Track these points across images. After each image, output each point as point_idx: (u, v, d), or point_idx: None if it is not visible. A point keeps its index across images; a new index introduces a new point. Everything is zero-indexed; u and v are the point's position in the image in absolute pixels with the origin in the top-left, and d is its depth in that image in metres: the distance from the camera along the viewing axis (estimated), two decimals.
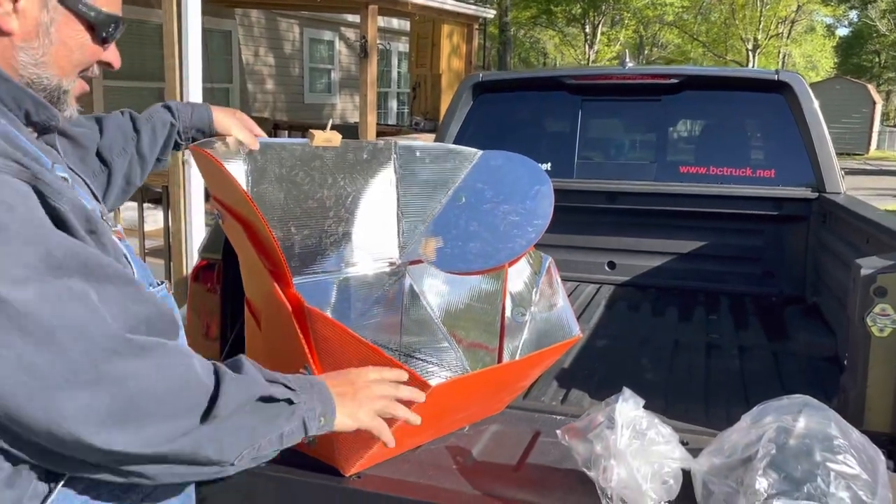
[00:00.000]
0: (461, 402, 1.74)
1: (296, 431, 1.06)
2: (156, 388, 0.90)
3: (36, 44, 0.99)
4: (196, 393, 0.95)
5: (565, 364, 2.42)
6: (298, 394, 1.07)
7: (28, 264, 0.83)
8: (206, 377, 0.97)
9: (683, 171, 3.43)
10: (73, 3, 1.00)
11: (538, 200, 2.01)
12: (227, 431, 0.97)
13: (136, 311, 0.93)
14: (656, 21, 31.28)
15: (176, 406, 0.93)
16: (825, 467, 1.32)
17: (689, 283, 3.38)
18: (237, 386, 0.99)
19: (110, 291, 0.90)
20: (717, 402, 2.11)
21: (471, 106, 3.69)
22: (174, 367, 0.93)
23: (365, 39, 7.75)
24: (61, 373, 0.83)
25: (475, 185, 2.07)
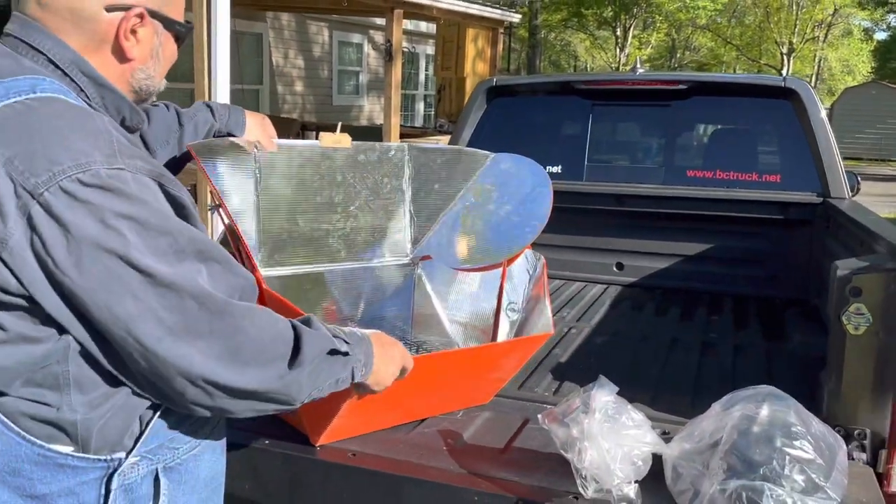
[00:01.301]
0: (430, 382, 1.80)
1: (347, 378, 1.27)
2: (253, 339, 1.11)
3: (150, 63, 1.21)
4: (284, 343, 1.16)
5: (562, 358, 2.52)
6: (353, 346, 1.27)
7: (163, 250, 1.04)
8: (287, 332, 1.17)
9: (691, 174, 3.51)
10: (172, 24, 1.22)
11: (538, 202, 2.12)
12: (306, 376, 1.17)
13: (234, 283, 1.15)
14: (689, 24, 31.06)
15: (270, 353, 1.13)
16: (782, 452, 1.41)
17: (695, 284, 3.45)
18: (314, 339, 1.20)
19: (216, 268, 1.12)
20: (702, 396, 2.19)
21: (485, 110, 3.80)
22: (265, 323, 1.15)
23: (390, 43, 7.91)
24: (185, 327, 1.05)
25: (484, 186, 2.19)
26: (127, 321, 1.02)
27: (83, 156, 1.01)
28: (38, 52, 1.11)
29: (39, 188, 0.98)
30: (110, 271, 1.00)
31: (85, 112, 1.09)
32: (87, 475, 1.10)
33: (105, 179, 1.01)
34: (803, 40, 30.21)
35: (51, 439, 1.08)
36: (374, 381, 1.35)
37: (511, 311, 2.07)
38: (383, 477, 1.68)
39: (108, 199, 1.01)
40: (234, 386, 1.09)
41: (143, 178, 1.06)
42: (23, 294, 1.01)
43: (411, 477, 1.66)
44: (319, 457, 1.73)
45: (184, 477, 1.21)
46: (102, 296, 1.01)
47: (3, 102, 1.04)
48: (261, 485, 1.77)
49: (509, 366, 1.98)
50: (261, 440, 1.77)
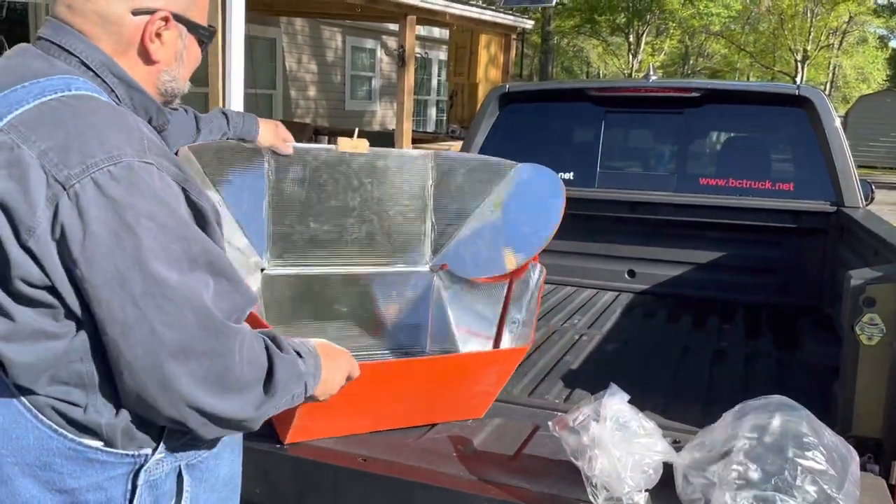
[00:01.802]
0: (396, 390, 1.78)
1: (301, 395, 1.25)
2: (238, 364, 1.10)
3: (174, 66, 1.24)
4: (260, 368, 1.15)
5: (573, 365, 2.52)
6: (305, 360, 1.26)
7: (175, 255, 1.05)
8: (262, 357, 1.16)
9: (703, 182, 3.50)
10: (196, 28, 1.24)
11: (548, 213, 2.12)
12: (270, 405, 1.17)
13: (237, 303, 1.14)
14: (702, 31, 30.96)
15: (248, 379, 1.12)
16: (794, 462, 1.40)
17: (707, 292, 3.44)
18: (285, 365, 1.19)
19: (224, 285, 1.11)
20: (714, 405, 2.19)
21: (497, 116, 3.81)
22: (251, 349, 1.13)
23: (403, 49, 7.94)
24: (179, 344, 1.04)
25: (504, 196, 2.19)
26: (123, 326, 1.02)
27: (115, 149, 1.04)
28: (70, 55, 1.14)
29: (71, 180, 1.01)
30: (118, 272, 1.01)
31: (118, 109, 1.12)
32: (115, 470, 1.12)
33: (134, 173, 1.03)
34: (818, 48, 30.05)
35: (81, 434, 1.10)
36: (321, 391, 1.33)
37: (513, 323, 2.06)
38: (393, 482, 1.68)
39: (133, 196, 1.02)
40: (213, 412, 1.08)
41: (168, 179, 1.08)
42: (46, 286, 1.03)
43: (421, 482, 1.66)
44: (330, 461, 1.74)
45: (205, 475, 1.22)
46: (105, 295, 1.01)
47: (39, 100, 1.07)
48: (272, 489, 1.78)
49: (490, 379, 1.92)
50: (272, 444, 1.78)
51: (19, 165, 1.01)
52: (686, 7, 27.20)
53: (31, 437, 1.08)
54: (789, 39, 29.66)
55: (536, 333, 2.83)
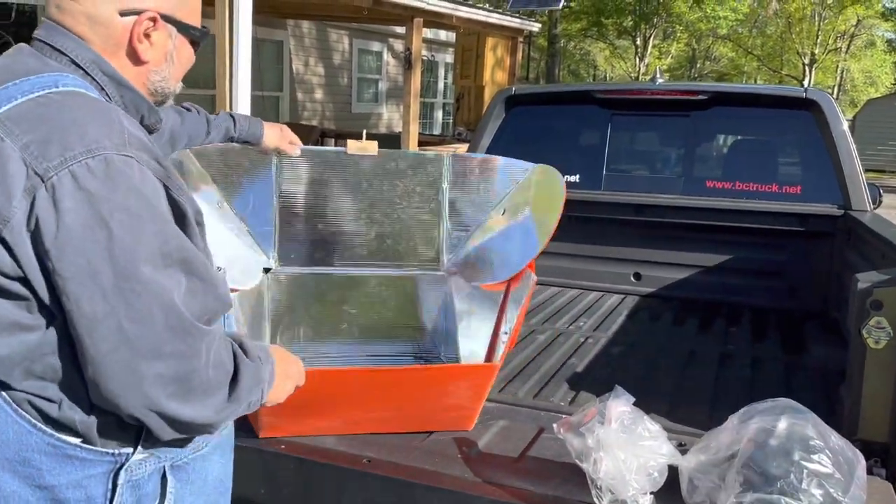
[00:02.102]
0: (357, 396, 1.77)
1: (257, 402, 1.24)
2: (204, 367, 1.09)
3: (164, 66, 1.24)
4: (225, 373, 1.14)
5: (578, 368, 2.52)
6: (264, 368, 1.24)
7: (149, 250, 1.04)
8: (229, 361, 1.15)
9: (710, 185, 3.49)
10: (185, 29, 1.24)
11: (547, 215, 2.11)
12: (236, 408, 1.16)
13: (209, 305, 1.12)
14: (709, 34, 30.90)
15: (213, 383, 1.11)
16: (800, 466, 1.40)
17: (713, 295, 3.43)
18: (249, 372, 1.17)
19: (196, 284, 1.10)
20: (720, 408, 2.18)
21: (503, 118, 3.80)
22: (218, 351, 1.12)
23: (409, 51, 7.95)
24: (146, 342, 1.03)
25: (518, 199, 2.18)
26: (91, 320, 1.01)
27: (94, 142, 1.04)
28: (61, 54, 1.16)
29: (50, 172, 1.01)
30: (89, 264, 1.00)
31: (101, 104, 1.12)
32: (94, 468, 1.11)
33: (112, 166, 1.03)
34: (826, 51, 29.96)
35: (60, 430, 1.09)
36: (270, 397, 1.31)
37: (505, 333, 2.05)
38: (397, 483, 1.68)
39: (109, 188, 1.02)
40: (174, 416, 1.07)
41: (148, 173, 1.08)
42: (19, 277, 1.03)
43: (425, 484, 1.66)
44: (335, 462, 1.74)
45: (191, 477, 1.22)
46: (74, 287, 1.01)
47: (27, 96, 1.08)
48: (276, 489, 1.78)
49: (461, 393, 1.86)
50: (277, 445, 1.78)
51: (1, 158, 1.02)
52: (693, 10, 27.16)
53: (11, 431, 1.08)
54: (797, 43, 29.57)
55: (541, 336, 2.84)
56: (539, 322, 3.06)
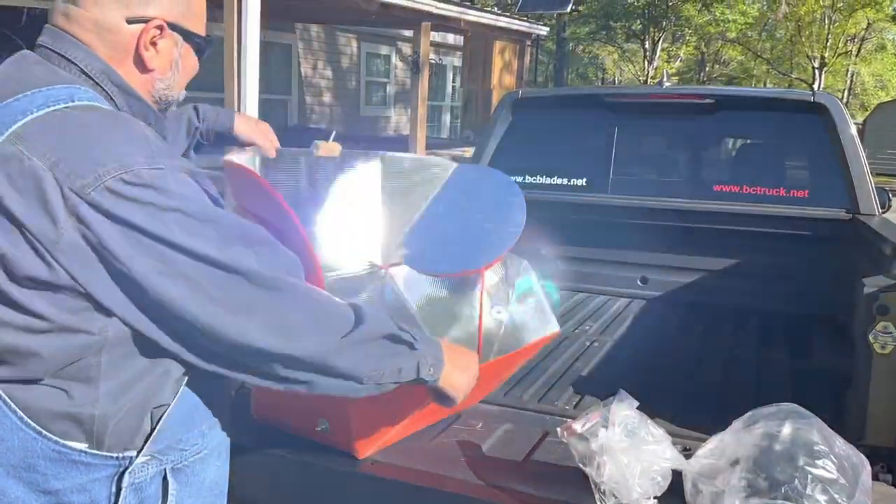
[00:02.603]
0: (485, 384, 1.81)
1: (411, 371, 1.30)
2: (308, 311, 1.17)
3: (169, 74, 1.26)
4: (343, 319, 1.21)
5: (583, 372, 2.51)
6: (419, 342, 1.31)
7: (209, 237, 1.10)
8: (345, 310, 1.23)
9: (717, 189, 3.48)
10: (192, 37, 1.26)
11: (511, 210, 2.12)
12: (361, 353, 1.21)
13: (283, 262, 1.20)
14: (718, 38, 30.84)
15: (327, 325, 1.18)
16: (804, 471, 1.39)
17: (720, 299, 3.42)
18: (375, 319, 1.25)
19: (264, 250, 1.17)
20: (725, 413, 2.16)
21: (510, 122, 3.81)
22: (320, 298, 1.21)
23: (417, 55, 7.97)
24: (238, 303, 1.11)
25: (452, 195, 2.20)
26: (181, 302, 1.07)
27: (126, 157, 1.06)
28: (71, 63, 1.16)
29: (87, 188, 1.03)
30: (162, 256, 1.06)
31: (123, 117, 1.15)
32: (99, 472, 1.13)
33: (147, 179, 1.07)
34: (835, 55, 29.83)
35: (66, 435, 1.10)
36: (449, 384, 1.38)
37: (496, 313, 2.07)
38: (401, 486, 1.68)
39: (152, 195, 1.06)
40: (293, 354, 1.14)
41: (181, 176, 1.12)
42: (72, 287, 1.06)
43: (429, 487, 1.66)
44: (338, 466, 1.74)
45: (190, 479, 1.23)
46: (155, 279, 1.06)
47: (44, 110, 1.08)
48: (280, 492, 1.78)
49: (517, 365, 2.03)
50: (281, 448, 1.79)
51: (33, 178, 1.03)
52: (702, 14, 27.10)
53: (16, 438, 1.09)
54: (807, 46, 29.47)
55: None
56: None
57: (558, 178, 3.70)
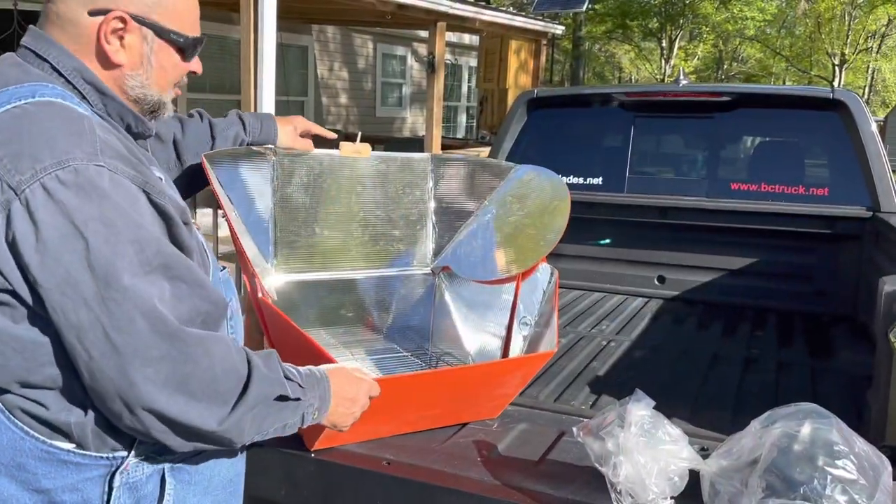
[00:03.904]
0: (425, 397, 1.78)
1: (295, 423, 1.24)
2: (204, 370, 1.08)
3: (140, 71, 1.21)
4: (236, 379, 1.12)
5: (600, 372, 2.50)
6: (306, 391, 1.24)
7: (127, 258, 1.03)
8: (241, 368, 1.14)
9: (735, 187, 3.46)
10: (166, 34, 1.21)
11: (555, 215, 2.10)
12: (249, 419, 1.14)
13: (198, 307, 1.11)
14: (736, 35, 30.57)
15: (218, 388, 1.10)
16: (823, 471, 1.37)
17: (738, 299, 3.39)
18: (263, 381, 1.16)
19: (182, 288, 1.09)
20: (744, 412, 2.15)
21: (525, 121, 3.80)
22: (220, 354, 1.11)
23: (433, 55, 7.96)
24: (133, 349, 1.03)
25: (506, 197, 2.18)
26: (78, 329, 1.01)
27: (64, 153, 1.03)
28: (44, 61, 1.15)
29: (22, 185, 1.01)
30: (69, 275, 1.00)
31: (74, 114, 1.10)
32: (90, 472, 1.12)
33: (82, 176, 1.02)
34: (856, 51, 29.46)
35: (52, 436, 1.10)
36: (330, 422, 1.32)
37: (524, 324, 2.05)
38: (416, 486, 1.68)
39: (82, 199, 1.02)
40: (175, 419, 1.06)
41: (123, 181, 1.07)
42: (8, 290, 1.04)
43: (444, 486, 1.66)
44: (354, 464, 1.75)
45: (194, 478, 1.22)
46: (58, 298, 1.01)
47: (4, 108, 1.08)
48: (296, 491, 1.79)
49: (513, 382, 1.91)
50: (297, 447, 1.79)
51: None
52: (720, 11, 26.88)
53: (5, 438, 1.09)
54: (826, 43, 29.13)
55: (564, 339, 2.82)
56: (561, 325, 3.04)
57: (574, 178, 3.69)
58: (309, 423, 1.28)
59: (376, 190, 2.14)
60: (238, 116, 1.86)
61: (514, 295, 2.10)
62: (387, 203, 2.15)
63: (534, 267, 2.08)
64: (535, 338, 2.03)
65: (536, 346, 2.00)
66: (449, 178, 2.23)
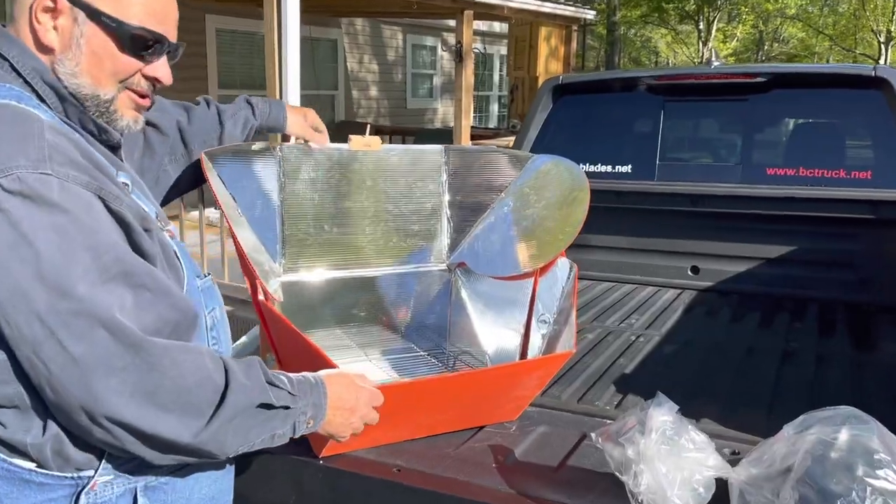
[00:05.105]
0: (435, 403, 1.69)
1: (286, 433, 1.18)
2: (173, 381, 1.02)
3: (70, 55, 1.12)
4: (212, 390, 1.06)
5: (627, 369, 2.39)
6: (297, 399, 1.18)
7: (82, 267, 0.97)
8: (217, 377, 1.08)
9: (771, 172, 3.30)
10: (97, 16, 1.11)
11: (573, 206, 1.99)
12: (230, 431, 1.08)
13: (165, 315, 1.05)
14: (777, 15, 29.75)
15: (192, 399, 1.04)
16: (862, 482, 1.26)
17: (776, 289, 3.24)
18: (242, 390, 1.09)
19: (145, 296, 1.03)
20: (781, 413, 2.03)
21: (551, 108, 3.69)
22: (191, 365, 1.05)
23: (460, 44, 7.86)
24: (95, 359, 0.97)
25: (523, 189, 2.08)
26: (33, 343, 0.96)
27: (7, 160, 0.97)
28: (4, 60, 1.10)
29: None
30: (18, 287, 0.94)
31: (23, 116, 1.04)
32: (54, 492, 1.07)
33: (27, 185, 0.97)
34: None
35: (12, 455, 1.05)
36: (326, 432, 1.26)
37: (542, 322, 1.95)
38: (428, 495, 1.61)
39: (28, 207, 0.96)
40: (146, 431, 1.00)
41: (73, 188, 1.00)
42: None
43: (456, 496, 1.58)
44: (364, 472, 1.68)
45: (169, 497, 1.16)
46: (10, 311, 0.95)
47: None
48: (305, 498, 1.73)
49: (530, 384, 1.81)
50: (307, 454, 1.73)
51: None
52: None
53: None
54: (871, 20, 28.17)
55: (590, 335, 2.72)
56: (588, 320, 2.94)
57: (602, 165, 3.57)
58: (302, 432, 1.22)
59: (388, 184, 2.06)
60: (246, 101, 1.79)
61: (531, 292, 2.01)
62: (399, 197, 2.07)
63: (552, 262, 1.98)
64: (554, 336, 1.93)
65: (555, 346, 1.90)
66: (464, 171, 2.14)
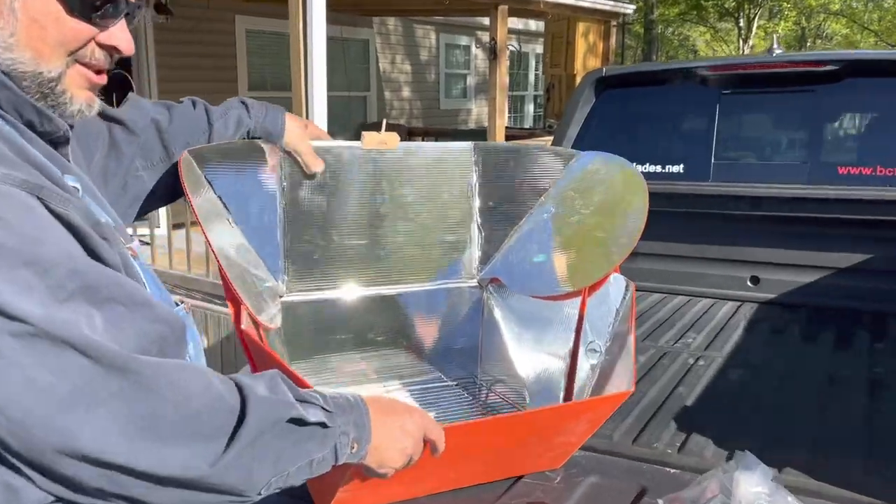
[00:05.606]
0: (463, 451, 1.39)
1: (328, 458, 0.95)
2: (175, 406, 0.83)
3: (1, 24, 0.89)
4: (225, 413, 0.86)
5: (688, 401, 2.07)
6: (334, 416, 0.96)
7: (28, 285, 0.77)
8: (229, 396, 0.88)
9: (843, 171, 2.95)
10: None
11: (628, 214, 1.68)
12: (255, 457, 0.87)
13: (146, 330, 0.87)
14: (820, 11, 28.90)
15: (201, 426, 0.84)
16: None
17: (850, 302, 2.89)
18: (265, 405, 0.89)
19: (117, 311, 0.84)
20: (883, 458, 1.69)
21: (593, 104, 3.37)
22: (194, 385, 0.85)
23: (494, 41, 7.57)
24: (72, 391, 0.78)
25: (566, 192, 1.78)
26: None
27: None
28: None
29: None
30: None
31: None
32: None
33: None
34: None
35: None
36: (376, 461, 1.02)
37: (591, 351, 1.64)
38: None
39: None
40: (146, 470, 0.80)
41: (8, 189, 0.79)
42: None
43: None
44: None
45: None
46: None
47: None
48: None
49: (580, 429, 1.52)
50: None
51: None
52: None
53: None
54: None
55: (642, 357, 2.40)
56: (639, 338, 2.61)
57: (651, 166, 3.25)
58: (346, 458, 0.97)
59: (409, 188, 1.77)
60: (240, 101, 1.58)
61: (578, 314, 1.70)
62: (421, 203, 1.79)
63: (604, 279, 1.68)
64: (607, 368, 1.62)
65: (607, 381, 1.59)
66: (497, 171, 1.84)
